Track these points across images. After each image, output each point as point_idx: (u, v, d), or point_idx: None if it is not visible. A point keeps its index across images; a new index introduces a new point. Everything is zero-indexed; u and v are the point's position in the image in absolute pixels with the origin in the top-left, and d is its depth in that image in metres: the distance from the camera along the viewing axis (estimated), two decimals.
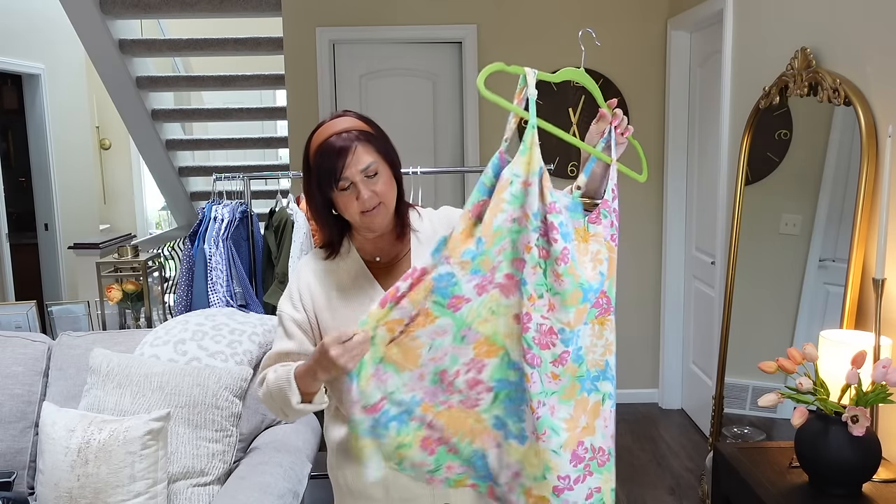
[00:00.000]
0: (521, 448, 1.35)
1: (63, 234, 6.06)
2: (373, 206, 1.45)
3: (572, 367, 1.34)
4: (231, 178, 3.28)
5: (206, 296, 2.97)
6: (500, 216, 1.31)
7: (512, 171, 1.32)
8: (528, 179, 1.32)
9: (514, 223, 1.32)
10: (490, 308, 1.33)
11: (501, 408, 1.35)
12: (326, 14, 4.08)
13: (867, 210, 2.15)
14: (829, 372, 1.86)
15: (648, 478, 3.44)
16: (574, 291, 1.33)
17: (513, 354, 1.33)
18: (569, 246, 1.34)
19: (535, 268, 1.32)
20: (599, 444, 1.37)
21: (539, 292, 1.32)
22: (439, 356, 1.33)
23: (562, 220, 1.34)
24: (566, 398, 1.34)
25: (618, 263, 1.51)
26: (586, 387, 1.36)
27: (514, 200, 1.31)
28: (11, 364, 2.35)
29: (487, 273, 1.31)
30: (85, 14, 4.47)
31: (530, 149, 1.32)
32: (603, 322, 1.39)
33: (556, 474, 1.33)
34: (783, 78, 2.58)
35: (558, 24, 4.08)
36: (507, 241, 1.32)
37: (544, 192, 1.32)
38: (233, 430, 2.16)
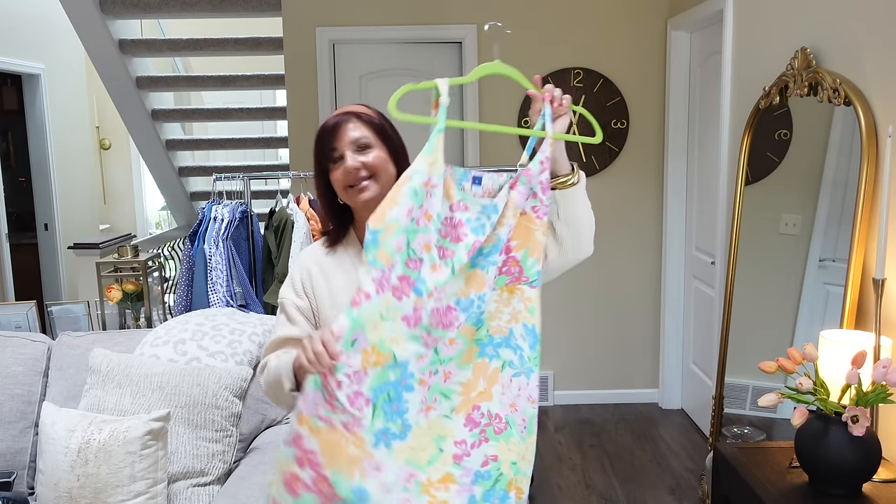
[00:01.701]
0: (404, 443, 1.30)
1: (63, 234, 6.06)
2: (360, 178, 1.46)
3: (469, 329, 1.34)
4: (231, 178, 3.28)
5: (206, 296, 2.97)
6: (396, 209, 1.31)
7: (413, 167, 1.33)
8: (433, 180, 1.32)
9: (412, 222, 1.31)
10: (380, 313, 1.30)
11: (381, 417, 1.28)
12: (326, 14, 4.08)
13: (867, 210, 2.15)
14: (829, 372, 1.86)
15: (648, 478, 3.44)
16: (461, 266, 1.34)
17: (399, 355, 1.30)
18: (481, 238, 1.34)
19: (435, 267, 1.32)
20: (496, 410, 1.36)
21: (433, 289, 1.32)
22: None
23: (469, 215, 1.35)
24: (464, 363, 1.34)
25: (617, 263, 1.51)
26: (487, 352, 1.35)
27: (413, 196, 1.31)
28: (11, 364, 2.35)
29: (386, 269, 1.30)
30: (85, 14, 4.47)
31: (436, 150, 1.34)
32: (512, 290, 1.38)
33: (451, 441, 1.32)
34: (783, 78, 2.58)
35: (558, 25, 4.08)
36: (402, 238, 1.31)
37: (449, 193, 1.34)
38: (233, 430, 2.16)
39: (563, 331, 4.29)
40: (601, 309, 4.31)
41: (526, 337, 1.37)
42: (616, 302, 4.31)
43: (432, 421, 1.32)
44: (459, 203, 1.35)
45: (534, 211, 1.38)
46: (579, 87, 4.11)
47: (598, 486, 3.37)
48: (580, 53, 4.10)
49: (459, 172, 1.39)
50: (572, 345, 4.31)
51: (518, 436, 1.37)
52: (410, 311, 1.30)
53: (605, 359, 4.36)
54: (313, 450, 1.28)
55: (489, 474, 1.35)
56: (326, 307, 1.51)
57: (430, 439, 1.32)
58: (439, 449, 1.32)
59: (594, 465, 3.58)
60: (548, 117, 1.43)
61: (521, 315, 1.37)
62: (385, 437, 1.29)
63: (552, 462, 3.62)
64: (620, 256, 4.27)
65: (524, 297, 1.37)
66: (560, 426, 4.07)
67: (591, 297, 4.30)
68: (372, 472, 1.27)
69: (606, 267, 4.27)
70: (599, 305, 4.31)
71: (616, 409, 4.30)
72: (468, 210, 1.35)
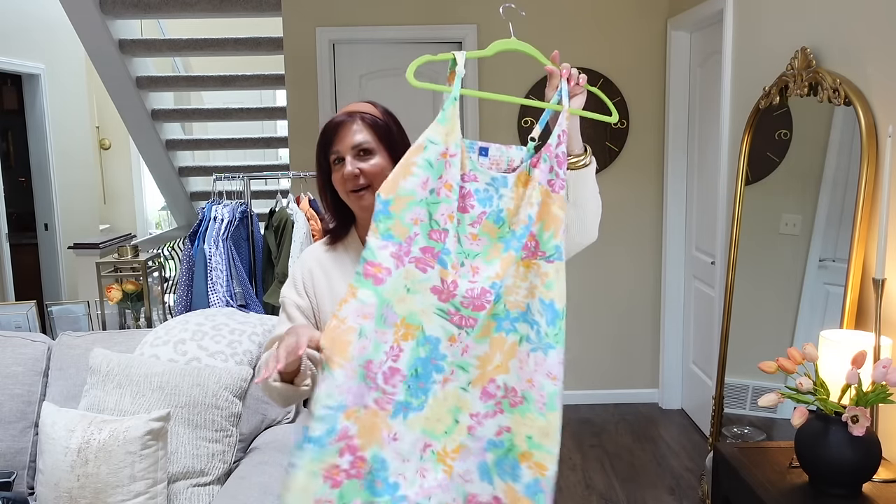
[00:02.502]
0: (420, 414, 1.31)
1: (63, 234, 6.06)
2: (358, 185, 1.45)
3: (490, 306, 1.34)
4: (231, 178, 3.28)
5: (206, 296, 2.97)
6: (411, 179, 1.30)
7: (427, 136, 1.31)
8: (450, 150, 1.32)
9: (431, 193, 1.31)
10: (405, 286, 1.30)
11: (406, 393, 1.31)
12: (326, 14, 4.08)
13: (867, 210, 2.15)
14: (829, 372, 1.86)
15: (648, 478, 3.44)
16: (494, 246, 1.34)
17: (428, 329, 1.31)
18: (489, 209, 1.35)
19: (455, 237, 1.32)
20: (513, 384, 1.35)
21: (460, 260, 1.33)
22: (367, 344, 1.29)
23: (478, 186, 1.35)
24: (482, 336, 1.33)
25: (617, 263, 1.51)
26: (503, 326, 1.34)
27: (429, 167, 1.30)
28: (11, 364, 2.35)
29: (403, 242, 1.29)
30: (85, 14, 4.47)
31: (451, 119, 1.33)
32: (529, 265, 1.36)
33: (467, 413, 1.32)
34: (783, 78, 2.58)
35: (558, 25, 4.08)
36: (421, 210, 1.30)
37: (464, 162, 1.34)
38: (233, 430, 2.16)
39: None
40: (601, 309, 4.31)
41: (543, 312, 1.34)
42: (616, 302, 4.31)
43: (448, 392, 1.32)
44: (470, 173, 1.35)
45: (550, 185, 1.36)
46: None
47: (598, 486, 3.37)
48: (580, 53, 4.10)
49: (467, 143, 1.39)
50: (572, 345, 4.31)
51: (536, 412, 1.35)
52: (439, 282, 1.30)
53: (605, 359, 4.36)
54: (352, 434, 1.29)
55: (502, 443, 1.35)
56: (327, 306, 1.51)
57: (447, 410, 1.32)
58: (455, 420, 1.33)
59: (594, 465, 3.58)
60: (564, 93, 1.43)
61: (537, 290, 1.35)
62: (405, 409, 1.31)
63: None
64: (620, 256, 4.27)
65: (540, 271, 1.35)
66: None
67: (592, 296, 4.30)
68: (389, 442, 1.30)
69: (606, 267, 4.27)
70: (599, 305, 4.31)
71: (616, 409, 4.30)
72: (477, 181, 1.35)
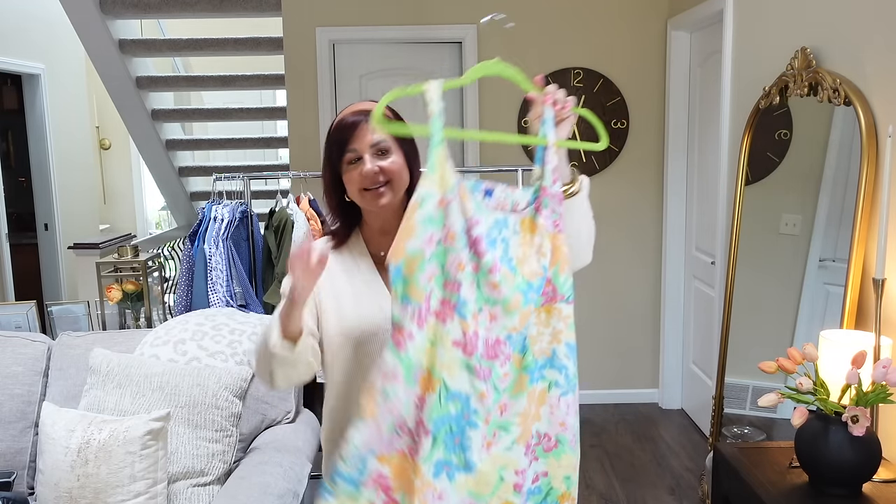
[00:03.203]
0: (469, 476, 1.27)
1: (63, 234, 6.06)
2: (377, 183, 1.42)
3: (517, 357, 1.30)
4: (231, 178, 3.28)
5: (206, 296, 2.97)
6: (414, 241, 1.25)
7: (420, 193, 1.26)
8: (446, 197, 1.26)
9: (438, 245, 1.25)
10: (430, 339, 1.26)
11: (442, 448, 1.25)
12: (326, 14, 4.08)
13: (867, 210, 2.15)
14: (829, 372, 1.86)
15: (648, 478, 3.44)
16: (514, 296, 1.29)
17: (451, 384, 1.26)
18: (499, 254, 1.29)
19: (472, 284, 1.27)
20: (545, 430, 1.34)
21: (479, 306, 1.27)
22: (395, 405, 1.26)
23: (483, 230, 1.28)
24: (517, 392, 1.30)
25: (617, 263, 1.49)
26: (534, 376, 1.32)
27: (430, 222, 1.25)
28: (11, 364, 2.35)
29: (422, 303, 1.25)
30: (85, 14, 4.47)
31: (440, 165, 1.26)
32: (550, 310, 1.34)
33: (513, 470, 1.30)
34: (783, 78, 2.58)
35: (558, 24, 4.08)
36: (433, 265, 1.26)
37: (465, 206, 1.28)
38: (233, 430, 2.16)
39: None
40: (601, 309, 4.31)
41: (570, 355, 1.35)
42: (616, 302, 4.31)
43: (495, 456, 1.29)
44: (474, 217, 1.29)
45: (555, 226, 1.32)
46: (579, 87, 4.11)
47: (598, 486, 3.37)
48: (580, 53, 4.10)
49: (470, 184, 1.34)
50: None
51: (570, 451, 1.35)
52: (461, 335, 1.25)
53: (605, 359, 4.36)
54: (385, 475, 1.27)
55: (539, 489, 1.35)
56: (328, 303, 1.50)
57: (494, 470, 1.30)
58: (500, 478, 1.30)
59: (594, 465, 3.58)
60: (549, 123, 1.34)
61: (562, 334, 1.34)
62: (447, 468, 1.27)
63: None
64: (620, 256, 4.27)
65: (562, 315, 1.34)
66: None
67: (592, 296, 4.30)
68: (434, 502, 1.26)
69: (606, 267, 4.27)
70: (599, 305, 4.31)
71: (616, 409, 4.29)
72: (481, 224, 1.29)
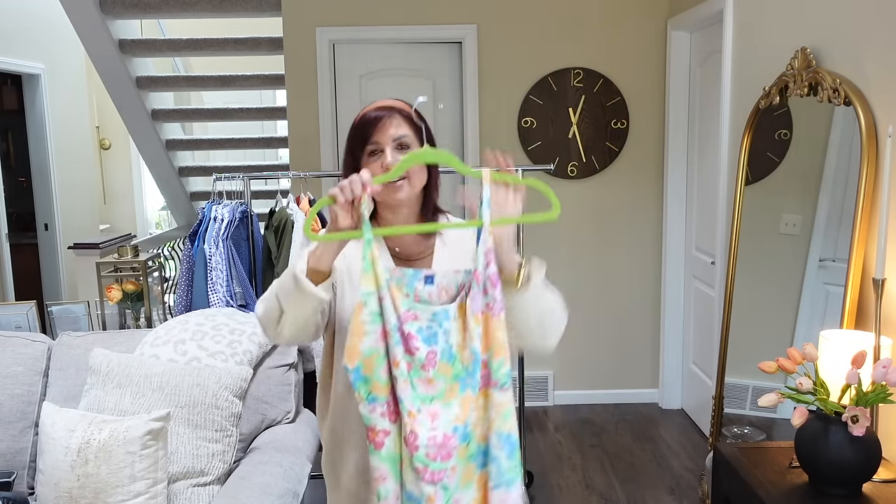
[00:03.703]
0: None
1: (63, 234, 6.06)
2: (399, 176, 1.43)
3: (462, 448, 1.30)
4: (231, 178, 3.28)
5: (206, 296, 2.97)
6: (367, 339, 1.27)
7: (362, 292, 1.28)
8: (380, 294, 1.29)
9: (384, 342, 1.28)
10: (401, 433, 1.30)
11: None
12: (326, 14, 4.08)
13: (867, 210, 2.15)
14: (829, 372, 1.86)
15: (648, 478, 3.44)
16: (451, 387, 1.29)
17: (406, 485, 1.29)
18: (440, 346, 1.29)
19: (406, 382, 1.28)
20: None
21: (416, 407, 1.28)
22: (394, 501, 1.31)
23: (419, 325, 1.29)
24: (466, 483, 1.31)
25: (617, 263, 1.48)
26: (479, 463, 1.32)
27: (377, 318, 1.28)
28: (11, 364, 2.35)
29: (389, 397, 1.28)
30: (85, 14, 4.47)
31: (372, 262, 1.29)
32: (486, 395, 1.31)
33: None
34: (783, 78, 2.58)
35: (558, 25, 4.08)
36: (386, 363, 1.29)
37: (395, 302, 1.29)
38: (233, 430, 2.16)
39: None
40: (601, 309, 4.31)
41: (503, 446, 1.31)
42: (616, 302, 4.31)
43: None
44: (408, 312, 1.30)
45: (489, 309, 1.30)
46: (579, 87, 4.11)
47: (598, 486, 3.37)
48: (580, 53, 4.10)
49: (409, 274, 1.34)
50: (572, 345, 4.31)
51: None
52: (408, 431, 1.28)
53: (605, 359, 4.36)
54: None
55: None
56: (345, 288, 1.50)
57: None
58: None
59: (594, 465, 3.58)
60: (485, 201, 1.32)
61: (495, 423, 1.31)
62: None
63: (552, 462, 3.62)
64: (620, 256, 4.27)
65: (495, 402, 1.31)
66: (560, 426, 4.06)
67: (592, 296, 4.30)
68: None
69: (606, 267, 4.27)
70: (599, 305, 4.31)
71: (616, 409, 4.29)
72: (418, 318, 1.30)
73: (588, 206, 4.24)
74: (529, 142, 4.16)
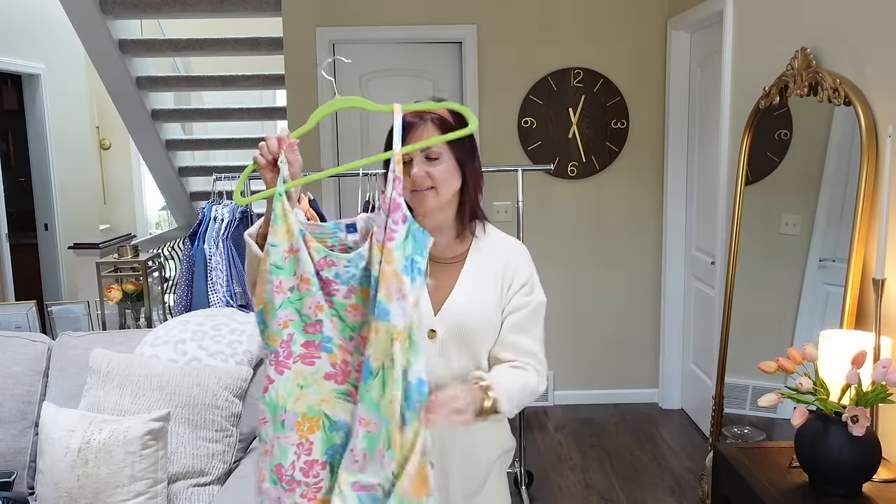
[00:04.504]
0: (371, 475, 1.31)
1: (63, 234, 6.06)
2: (423, 186, 1.45)
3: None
4: (231, 178, 3.28)
5: (206, 296, 2.97)
6: (266, 287, 1.32)
7: (269, 242, 1.32)
8: (294, 245, 1.32)
9: (292, 292, 1.32)
10: (298, 384, 1.33)
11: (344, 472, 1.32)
12: (326, 14, 4.08)
13: (867, 210, 2.15)
14: (829, 372, 1.86)
15: (648, 478, 3.44)
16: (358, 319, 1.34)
17: (333, 416, 1.33)
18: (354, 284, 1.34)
19: (333, 319, 1.33)
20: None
21: (348, 336, 1.33)
22: (270, 448, 1.34)
23: (336, 270, 1.34)
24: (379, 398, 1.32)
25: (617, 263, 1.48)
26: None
27: (278, 270, 1.32)
28: (11, 364, 2.35)
29: (279, 349, 1.33)
30: (85, 14, 4.47)
31: (283, 216, 1.32)
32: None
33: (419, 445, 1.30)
34: (783, 78, 2.58)
35: (558, 24, 4.08)
36: (288, 312, 1.33)
37: (311, 252, 1.33)
38: (233, 430, 2.16)
39: (563, 331, 4.29)
40: (601, 309, 4.31)
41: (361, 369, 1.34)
42: (616, 302, 4.31)
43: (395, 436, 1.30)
44: (325, 259, 1.34)
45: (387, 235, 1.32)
46: (579, 87, 4.11)
47: (598, 486, 3.37)
48: (580, 53, 4.10)
49: (329, 227, 1.38)
50: (572, 345, 4.31)
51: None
52: (330, 367, 1.32)
53: (605, 359, 4.36)
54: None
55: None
56: None
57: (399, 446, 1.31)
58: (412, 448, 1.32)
59: (594, 465, 3.58)
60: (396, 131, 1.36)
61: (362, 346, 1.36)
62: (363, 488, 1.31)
63: (552, 462, 3.63)
64: (620, 256, 4.27)
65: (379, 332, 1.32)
66: (560, 426, 4.07)
67: (592, 296, 4.30)
68: None
69: (606, 267, 4.27)
70: (599, 305, 4.31)
71: (616, 409, 4.29)
72: (335, 265, 1.34)
73: (588, 206, 4.24)
74: (529, 142, 4.16)
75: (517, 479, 3.28)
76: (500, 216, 4.14)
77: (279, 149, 1.35)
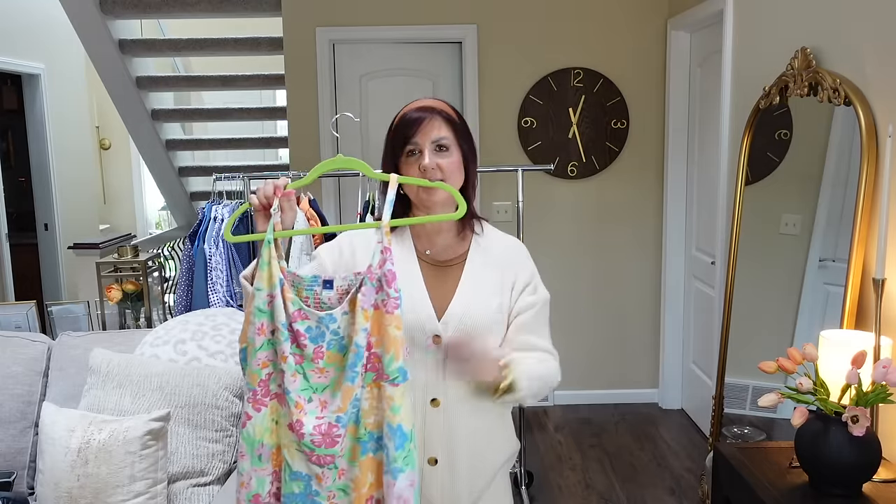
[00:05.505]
0: None
1: (63, 234, 6.06)
2: (433, 178, 1.45)
3: (352, 427, 1.35)
4: (231, 178, 3.28)
5: (206, 296, 2.97)
6: (250, 327, 1.36)
7: (255, 285, 1.36)
8: (272, 293, 1.35)
9: (273, 335, 1.36)
10: (272, 418, 1.38)
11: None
12: (326, 14, 4.08)
13: (867, 210, 2.15)
14: (829, 372, 1.86)
15: (648, 478, 3.44)
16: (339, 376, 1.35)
17: (292, 464, 1.36)
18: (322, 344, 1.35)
19: (294, 375, 1.35)
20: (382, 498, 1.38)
21: (307, 396, 1.35)
22: (247, 481, 1.39)
23: (309, 324, 1.35)
24: (352, 460, 1.36)
25: (617, 263, 1.48)
26: (369, 448, 1.36)
27: (260, 314, 1.35)
28: (11, 364, 2.35)
29: (257, 388, 1.36)
30: (85, 14, 4.47)
31: (268, 263, 1.35)
32: (379, 386, 1.35)
33: None
34: (783, 78, 2.58)
35: (558, 24, 4.08)
36: (269, 352, 1.37)
37: (286, 303, 1.35)
38: (233, 430, 2.16)
39: (562, 331, 4.27)
40: (601, 309, 4.31)
41: (392, 437, 1.33)
42: (616, 302, 4.31)
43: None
44: (298, 312, 1.35)
45: (383, 305, 1.33)
46: (579, 87, 4.11)
47: (598, 486, 3.37)
48: (580, 53, 4.10)
49: (308, 279, 1.38)
50: (572, 345, 4.31)
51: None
52: (292, 420, 1.35)
53: (605, 359, 4.36)
54: None
55: None
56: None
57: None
58: None
59: (594, 465, 3.58)
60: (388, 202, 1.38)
61: (385, 414, 1.35)
62: None
63: (552, 462, 3.63)
64: (620, 256, 4.27)
65: (385, 395, 1.35)
66: (560, 426, 4.07)
67: (591, 296, 4.30)
68: None
69: (606, 267, 4.27)
70: (599, 305, 4.31)
71: (616, 409, 4.30)
72: (308, 318, 1.36)
73: (588, 206, 4.24)
74: (529, 142, 4.16)
75: (517, 478, 3.28)
76: (500, 216, 4.15)
77: (274, 196, 1.37)
